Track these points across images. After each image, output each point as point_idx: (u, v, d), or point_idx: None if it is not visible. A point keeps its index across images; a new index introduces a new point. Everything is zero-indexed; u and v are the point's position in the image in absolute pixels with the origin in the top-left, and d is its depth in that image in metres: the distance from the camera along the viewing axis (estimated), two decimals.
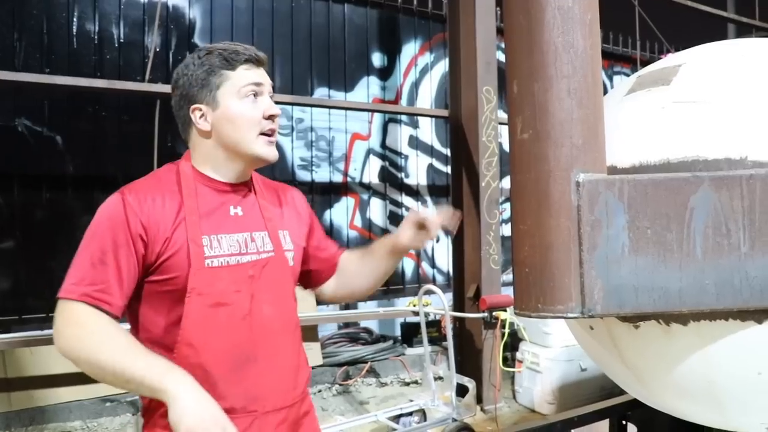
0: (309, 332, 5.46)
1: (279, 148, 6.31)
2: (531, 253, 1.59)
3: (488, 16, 5.42)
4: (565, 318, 1.59)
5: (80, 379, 4.44)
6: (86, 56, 5.33)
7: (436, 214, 1.87)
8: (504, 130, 7.70)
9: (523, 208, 1.62)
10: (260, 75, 1.70)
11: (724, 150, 1.66)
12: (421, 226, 1.87)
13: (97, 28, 5.43)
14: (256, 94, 1.68)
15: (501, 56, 7.34)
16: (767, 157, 1.61)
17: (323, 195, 6.54)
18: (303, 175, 6.50)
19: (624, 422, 3.03)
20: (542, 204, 1.57)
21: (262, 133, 1.67)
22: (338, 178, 6.71)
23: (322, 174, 6.61)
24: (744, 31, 10.40)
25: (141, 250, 1.56)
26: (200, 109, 1.67)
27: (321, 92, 6.55)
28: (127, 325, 1.65)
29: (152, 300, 1.60)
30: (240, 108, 1.65)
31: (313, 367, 3.76)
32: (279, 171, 6.24)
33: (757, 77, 1.75)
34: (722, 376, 1.73)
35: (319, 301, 2.01)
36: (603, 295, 1.54)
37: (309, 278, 1.99)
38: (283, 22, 6.26)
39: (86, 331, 1.48)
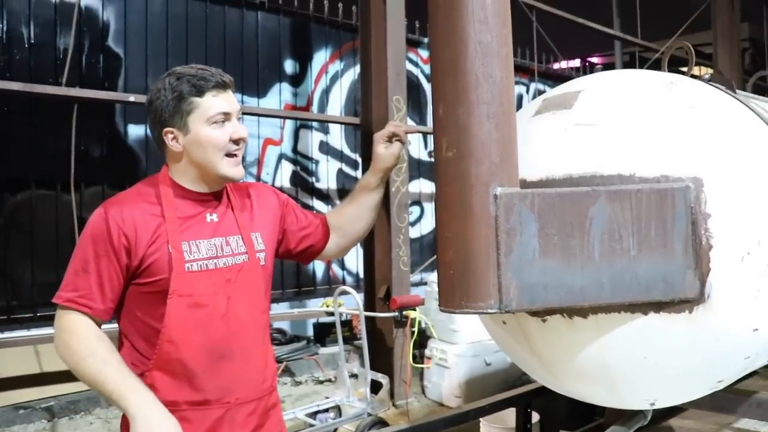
0: None
1: None
2: (455, 257, 1.80)
3: (398, 28, 5.66)
4: (485, 313, 1.81)
5: None
6: None
7: (394, 125, 2.20)
8: (414, 138, 8.02)
9: (448, 217, 1.82)
10: (227, 100, 1.81)
11: (617, 167, 1.93)
12: (389, 139, 2.16)
13: (5, 27, 5.28)
14: (224, 121, 1.78)
15: (410, 67, 7.62)
16: (651, 173, 1.90)
17: None
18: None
19: (529, 409, 3.33)
20: (465, 214, 1.78)
21: (228, 154, 1.80)
22: (251, 182, 6.78)
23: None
24: (627, 45, 11.18)
25: (124, 259, 1.71)
26: (172, 133, 1.78)
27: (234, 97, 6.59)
28: (115, 325, 1.82)
29: (138, 299, 1.75)
30: (208, 134, 1.76)
31: None
32: None
33: (643, 105, 2.04)
34: (616, 360, 2.00)
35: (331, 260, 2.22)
36: (517, 293, 1.76)
37: (307, 254, 2.13)
38: (197, 28, 6.27)
39: (74, 341, 1.67)
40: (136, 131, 5.99)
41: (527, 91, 10.00)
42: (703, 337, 1.91)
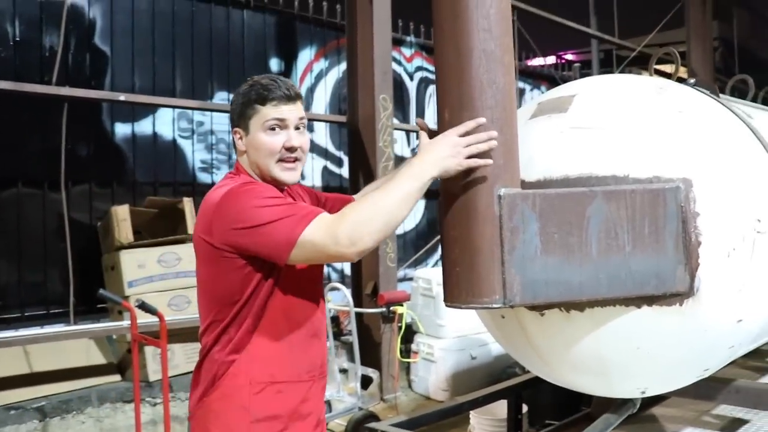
0: None
1: (180, 151, 6.37)
2: (461, 255, 1.89)
3: (385, 27, 5.74)
4: (490, 308, 1.91)
5: None
6: None
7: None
8: (399, 136, 8.11)
9: (453, 217, 1.91)
10: (288, 111, 1.92)
11: (612, 168, 2.04)
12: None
13: None
14: (279, 128, 1.91)
15: (394, 65, 7.69)
16: (644, 174, 2.01)
17: None
18: (203, 178, 6.58)
19: (519, 400, 3.44)
20: (470, 214, 1.87)
21: (281, 160, 1.92)
22: None
23: (222, 176, 6.69)
24: (603, 42, 11.38)
25: None
26: (238, 133, 1.96)
27: (221, 96, 6.65)
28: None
29: (253, 262, 1.81)
30: (262, 139, 1.91)
31: None
32: (180, 173, 6.31)
33: (634, 109, 2.15)
34: (610, 351, 2.11)
35: None
36: (520, 289, 1.86)
37: None
38: (183, 26, 6.31)
39: (355, 216, 1.72)
40: (123, 130, 6.03)
41: None
42: (692, 328, 2.03)
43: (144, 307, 3.37)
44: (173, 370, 4.83)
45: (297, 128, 1.95)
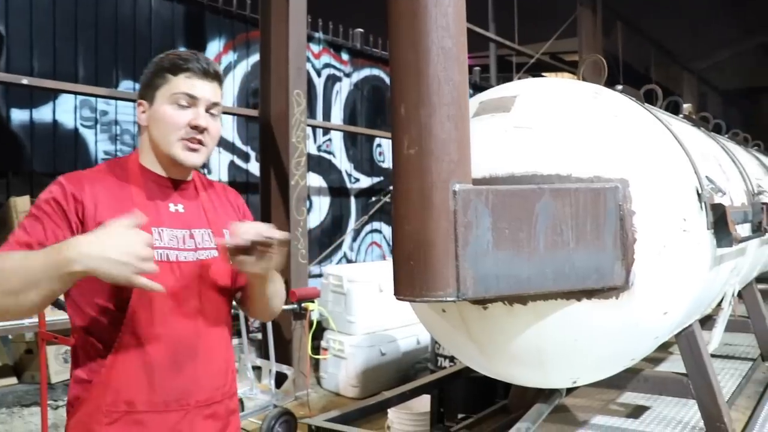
0: None
1: (82, 140, 6.05)
2: (416, 249, 1.91)
3: (300, 24, 5.71)
4: (444, 301, 1.94)
5: None
6: None
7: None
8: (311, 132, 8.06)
9: (407, 211, 1.92)
10: (201, 88, 1.75)
11: (555, 168, 2.12)
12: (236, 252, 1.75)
13: None
14: (188, 104, 1.74)
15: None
16: (585, 174, 2.10)
17: None
18: None
19: (443, 394, 3.52)
20: (426, 209, 1.89)
21: (184, 139, 1.75)
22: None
23: None
24: (501, 47, 11.79)
25: (74, 226, 1.62)
26: (142, 105, 1.78)
27: (126, 85, 6.36)
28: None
29: (99, 285, 1.58)
30: (166, 112, 1.74)
31: None
32: (82, 164, 5.97)
33: (574, 111, 2.25)
34: (549, 343, 2.20)
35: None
36: (473, 283, 1.90)
37: (240, 296, 1.98)
38: (87, 10, 5.98)
39: None
40: (20, 116, 5.66)
41: None
42: (625, 320, 2.15)
43: (58, 304, 3.18)
44: None
45: (209, 111, 1.77)
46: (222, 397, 1.83)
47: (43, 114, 5.81)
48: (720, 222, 2.36)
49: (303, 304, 5.53)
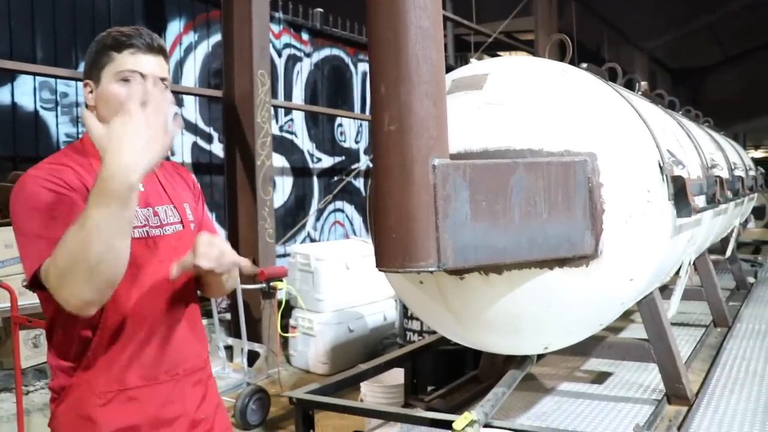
0: None
1: (42, 123, 5.94)
2: (397, 222, 1.98)
3: (263, 4, 5.69)
4: (426, 271, 2.02)
5: None
6: None
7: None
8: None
9: (389, 186, 1.99)
10: (147, 63, 1.73)
11: (527, 142, 2.22)
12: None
13: None
14: (131, 80, 1.70)
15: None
16: (556, 149, 2.20)
17: None
18: None
19: (416, 366, 3.62)
20: (407, 183, 1.96)
21: None
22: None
23: None
24: (457, 26, 11.87)
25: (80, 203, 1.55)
26: (89, 85, 1.74)
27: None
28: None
29: None
30: (114, 90, 1.69)
31: None
32: (43, 148, 5.88)
33: (544, 88, 2.34)
34: (523, 311, 2.31)
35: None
36: (453, 253, 1.99)
37: None
38: None
39: (67, 265, 1.43)
40: None
41: None
42: (594, 287, 2.26)
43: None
44: (43, 357, 4.56)
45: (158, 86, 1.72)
46: (204, 364, 1.90)
47: (2, 96, 5.69)
48: (680, 193, 2.50)
49: (271, 284, 5.57)
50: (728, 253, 5.44)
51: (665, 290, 3.80)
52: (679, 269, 3.28)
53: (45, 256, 1.48)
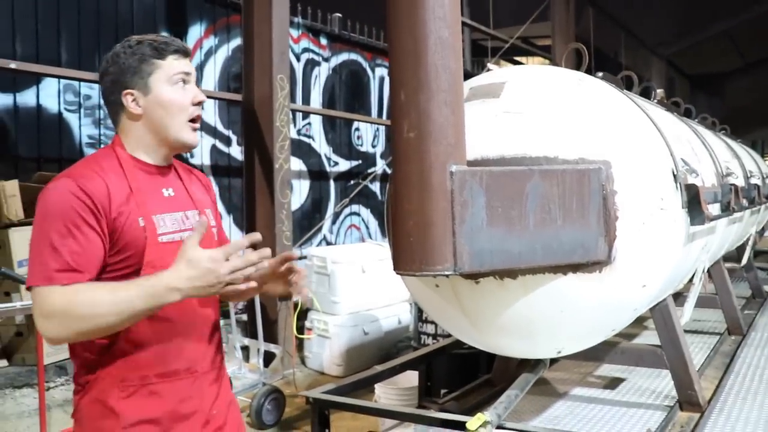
0: None
1: (66, 125, 6.06)
2: (416, 226, 2.03)
3: (283, 8, 5.77)
4: (442, 275, 2.07)
5: None
6: None
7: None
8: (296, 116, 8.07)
9: (408, 191, 2.05)
10: (187, 65, 1.84)
11: (543, 150, 2.26)
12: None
13: None
14: (184, 82, 1.79)
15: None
16: (571, 156, 2.25)
17: None
18: (91, 153, 6.28)
19: (430, 369, 3.67)
20: (425, 189, 2.02)
21: (190, 120, 1.82)
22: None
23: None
24: (474, 32, 11.92)
25: (104, 226, 1.66)
26: (132, 94, 1.76)
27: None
28: None
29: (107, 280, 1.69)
30: (171, 94, 1.77)
31: None
32: (66, 149, 5.99)
33: (560, 97, 2.39)
34: (537, 315, 2.35)
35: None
36: (469, 258, 2.04)
37: None
38: None
39: (75, 311, 1.57)
40: (4, 101, 5.67)
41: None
42: (607, 293, 2.30)
43: None
44: (66, 352, 4.65)
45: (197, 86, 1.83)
46: (220, 363, 1.97)
47: (27, 98, 5.80)
48: (693, 201, 2.53)
49: None
50: (744, 261, 5.44)
51: (679, 297, 3.81)
52: (692, 276, 3.31)
53: (50, 272, 1.59)
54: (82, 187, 1.66)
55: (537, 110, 2.35)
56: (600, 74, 2.72)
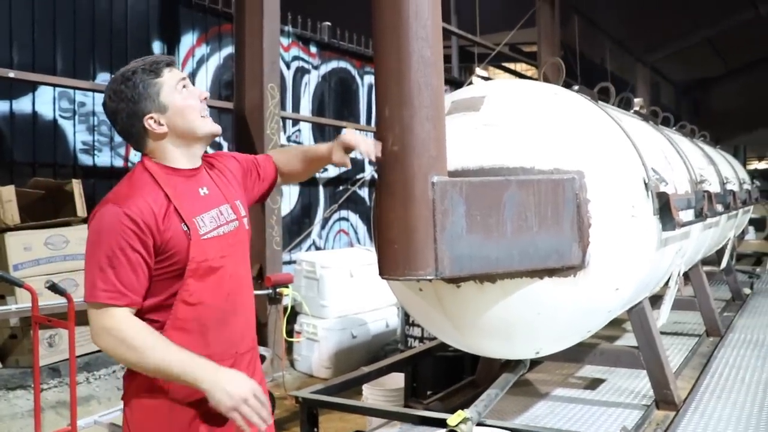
0: None
1: (60, 131, 6.15)
2: (400, 234, 2.15)
3: (273, 19, 5.88)
4: (425, 279, 2.20)
5: None
6: None
7: (361, 142, 2.23)
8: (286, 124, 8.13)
9: (392, 201, 2.17)
10: (179, 71, 2.02)
11: (520, 161, 2.39)
12: (348, 150, 2.26)
13: None
14: (185, 86, 1.97)
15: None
16: (546, 167, 2.37)
17: (104, 179, 6.48)
18: (85, 159, 6.38)
19: (416, 370, 3.78)
20: (408, 198, 2.14)
21: (203, 116, 1.99)
22: (119, 162, 6.72)
23: (104, 158, 6.57)
24: (462, 40, 12.07)
25: (150, 248, 1.85)
26: (153, 118, 1.92)
27: (103, 77, 6.44)
28: None
29: (155, 282, 1.89)
30: (183, 100, 1.94)
31: None
32: (60, 155, 6.08)
33: (536, 110, 2.52)
34: (515, 317, 2.48)
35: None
36: (450, 263, 2.16)
37: (263, 195, 2.41)
38: (64, 3, 6.07)
39: (129, 338, 1.80)
40: (0, 107, 5.76)
41: None
42: (581, 296, 2.43)
43: (55, 288, 3.35)
44: (60, 354, 4.75)
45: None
46: (254, 344, 2.16)
47: (23, 105, 5.90)
48: (664, 208, 2.66)
49: (278, 289, 5.73)
50: (723, 264, 5.58)
51: (657, 301, 3.94)
52: (668, 280, 3.44)
53: (97, 291, 1.81)
54: (126, 213, 1.83)
55: (514, 123, 2.47)
56: (576, 87, 2.85)
